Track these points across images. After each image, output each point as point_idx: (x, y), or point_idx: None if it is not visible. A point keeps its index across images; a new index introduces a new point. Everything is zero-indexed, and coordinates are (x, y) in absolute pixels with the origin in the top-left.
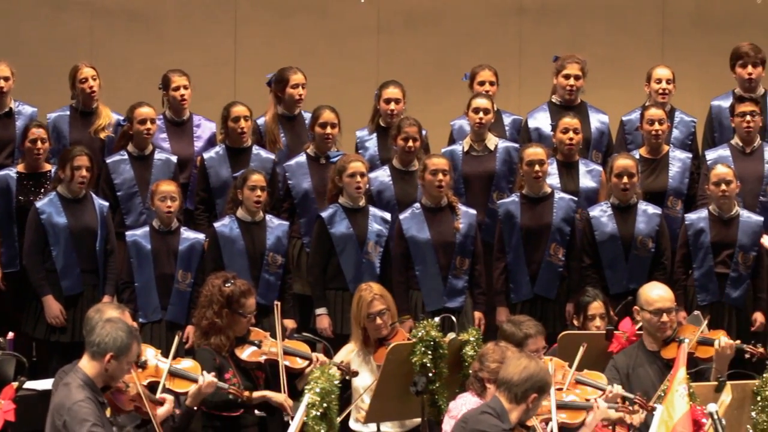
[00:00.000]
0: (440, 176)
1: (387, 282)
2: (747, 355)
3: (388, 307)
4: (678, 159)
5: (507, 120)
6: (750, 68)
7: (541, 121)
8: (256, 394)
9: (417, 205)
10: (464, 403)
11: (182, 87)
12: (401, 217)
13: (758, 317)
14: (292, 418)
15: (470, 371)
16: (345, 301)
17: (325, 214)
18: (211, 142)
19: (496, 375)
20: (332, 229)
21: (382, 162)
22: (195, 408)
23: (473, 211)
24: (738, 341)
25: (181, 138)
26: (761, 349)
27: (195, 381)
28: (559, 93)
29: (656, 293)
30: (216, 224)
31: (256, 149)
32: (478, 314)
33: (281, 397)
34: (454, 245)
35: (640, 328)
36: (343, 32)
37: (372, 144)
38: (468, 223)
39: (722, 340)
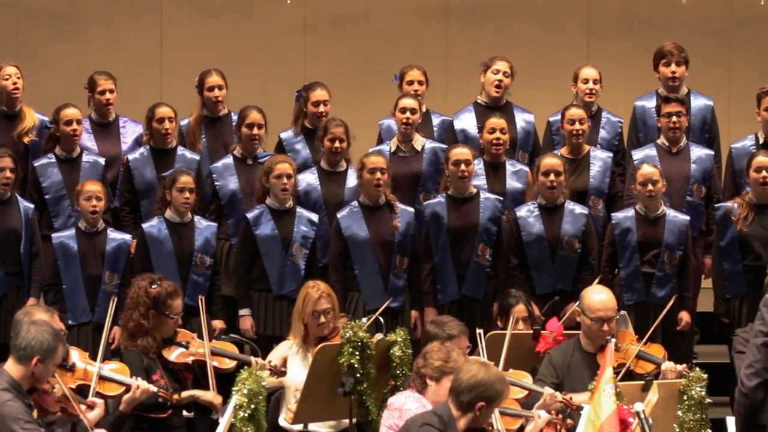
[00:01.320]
0: (378, 174)
1: None
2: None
3: (333, 307)
4: (599, 158)
5: (436, 121)
6: (674, 67)
7: (466, 122)
8: (185, 393)
9: (355, 203)
10: (407, 396)
11: (107, 90)
12: (339, 215)
13: (684, 316)
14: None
15: (414, 367)
16: (268, 302)
17: (250, 216)
18: (137, 143)
19: (438, 372)
20: (257, 231)
21: (315, 164)
22: (128, 413)
23: (411, 210)
24: (682, 367)
25: (107, 139)
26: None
27: (125, 384)
28: (487, 90)
29: (599, 300)
30: (144, 225)
31: (180, 150)
32: (414, 313)
33: (210, 395)
34: (393, 244)
35: (567, 328)
36: (270, 33)
37: (302, 146)
38: (407, 222)
39: (667, 364)
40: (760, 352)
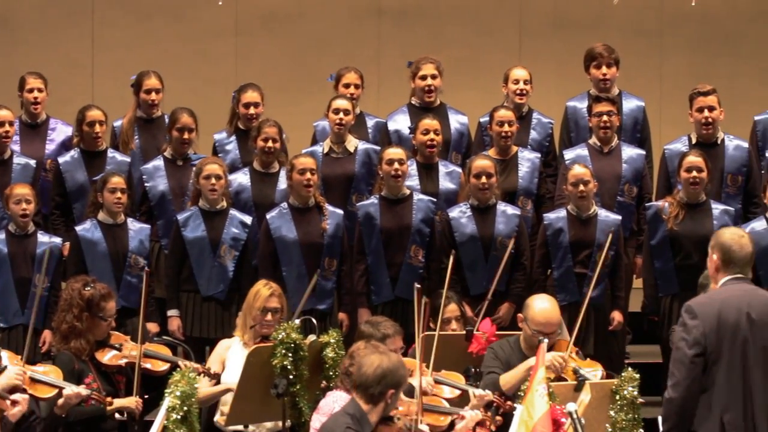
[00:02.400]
0: (308, 175)
1: (246, 285)
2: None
3: (282, 308)
4: (527, 159)
5: (370, 123)
6: (604, 69)
7: (400, 123)
8: (111, 407)
9: (284, 204)
10: (335, 399)
11: (36, 89)
12: (268, 216)
13: (616, 316)
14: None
15: (341, 368)
16: (196, 303)
17: (180, 217)
18: (65, 146)
19: None
20: (185, 232)
21: (244, 165)
22: (61, 416)
23: (340, 212)
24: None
25: (33, 141)
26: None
27: (57, 387)
28: (418, 95)
29: (543, 316)
30: (78, 228)
31: (111, 152)
32: (342, 315)
33: (132, 402)
34: (322, 246)
35: (499, 329)
36: (201, 34)
37: (233, 147)
38: (335, 224)
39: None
40: (684, 365)
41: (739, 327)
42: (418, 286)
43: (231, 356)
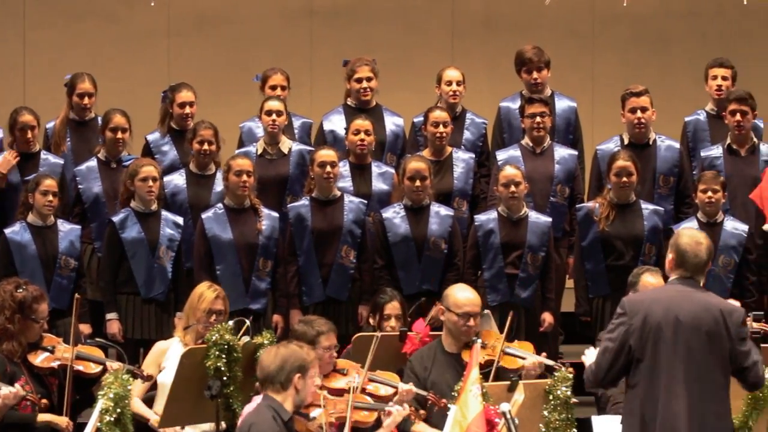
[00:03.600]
0: (244, 177)
1: (181, 286)
2: (554, 372)
3: (225, 311)
4: (462, 160)
5: (297, 123)
6: (535, 73)
7: (336, 123)
8: (41, 418)
9: (220, 205)
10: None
11: None
12: (204, 216)
13: (546, 317)
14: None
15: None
16: (136, 305)
17: (116, 219)
18: None
19: None
20: (123, 234)
21: (183, 165)
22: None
23: (276, 214)
24: (543, 357)
25: None
26: (570, 369)
27: None
28: (354, 97)
29: (465, 296)
30: (6, 230)
31: (44, 154)
32: (276, 317)
33: (63, 421)
34: (257, 246)
35: (433, 329)
36: (133, 36)
37: (169, 148)
38: (271, 225)
39: (529, 360)
40: (604, 355)
41: (663, 328)
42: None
43: (170, 357)
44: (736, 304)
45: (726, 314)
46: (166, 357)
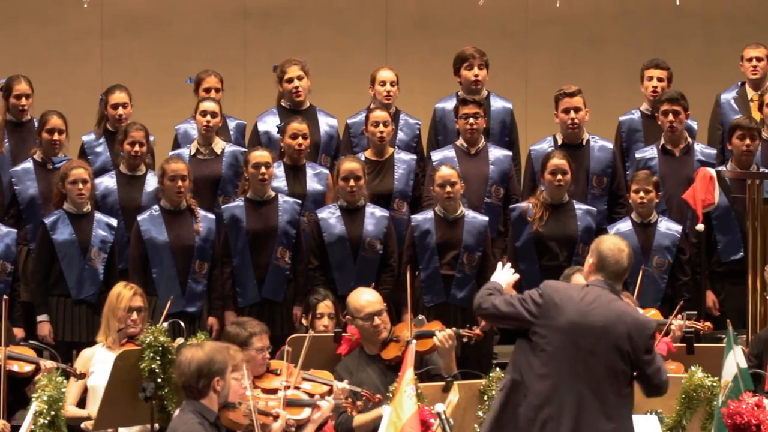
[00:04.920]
0: (179, 183)
1: (111, 290)
2: (465, 339)
3: (145, 307)
4: (402, 161)
5: (231, 124)
6: (476, 70)
7: (270, 124)
8: None
9: (156, 207)
10: None
11: None
12: (139, 218)
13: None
14: None
15: None
16: (67, 307)
17: (48, 221)
18: None
19: None
20: (54, 236)
21: (115, 167)
22: None
23: (212, 216)
24: (453, 328)
25: None
26: (477, 331)
27: None
28: (287, 98)
29: (364, 299)
30: None
31: None
32: (212, 320)
33: None
34: (193, 249)
35: None
36: (66, 37)
37: (103, 149)
38: (207, 227)
39: (439, 334)
40: (510, 307)
41: (571, 329)
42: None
43: (96, 362)
44: (650, 314)
45: (638, 327)
46: (93, 362)
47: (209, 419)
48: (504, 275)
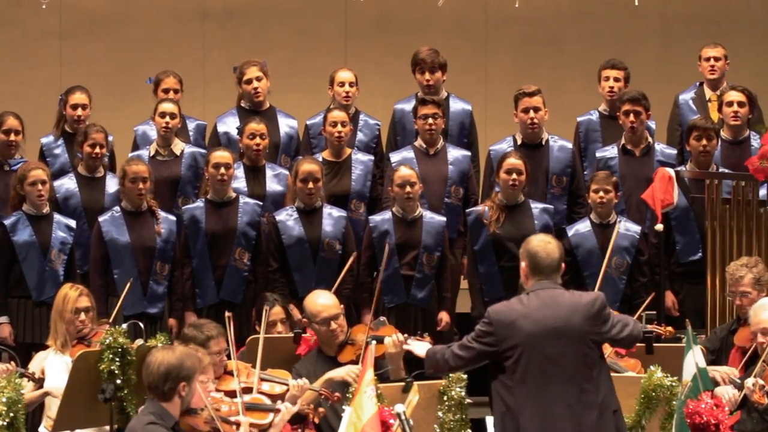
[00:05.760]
0: (140, 185)
1: None
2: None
3: (92, 306)
4: (360, 162)
5: (191, 125)
6: (428, 75)
7: (230, 125)
8: None
9: (117, 208)
10: None
11: None
12: (101, 219)
13: (443, 317)
14: None
15: None
16: (27, 309)
17: (7, 222)
18: None
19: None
20: (14, 237)
21: (74, 168)
22: None
23: (173, 217)
24: (405, 335)
25: None
26: (428, 338)
27: None
28: (247, 98)
29: (320, 303)
30: None
31: None
32: (172, 321)
33: None
34: (155, 250)
35: None
36: (25, 38)
37: (61, 151)
38: (168, 229)
39: (388, 338)
40: (467, 354)
41: (535, 344)
42: None
43: (48, 366)
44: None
45: (590, 307)
46: (45, 367)
47: (168, 424)
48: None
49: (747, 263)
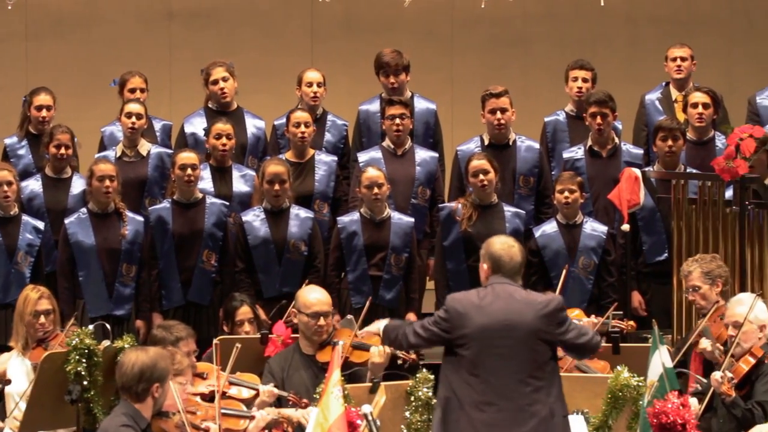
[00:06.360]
0: (107, 183)
1: None
2: (400, 362)
3: (54, 309)
4: (323, 162)
5: (157, 126)
6: (392, 78)
7: (197, 126)
8: None
9: (83, 210)
10: None
11: None
12: (67, 221)
13: (411, 317)
14: None
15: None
16: None
17: None
18: None
19: None
20: None
21: (38, 170)
22: None
23: (140, 218)
24: (391, 348)
25: None
26: (413, 356)
27: None
28: (214, 99)
29: (314, 296)
30: None
31: None
32: (139, 323)
33: None
34: (121, 252)
35: (294, 331)
36: None
37: (25, 152)
38: (135, 230)
39: (375, 348)
40: (425, 335)
41: (482, 332)
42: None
43: (10, 368)
44: (574, 314)
45: (544, 307)
46: (8, 367)
47: (140, 426)
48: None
49: (698, 258)
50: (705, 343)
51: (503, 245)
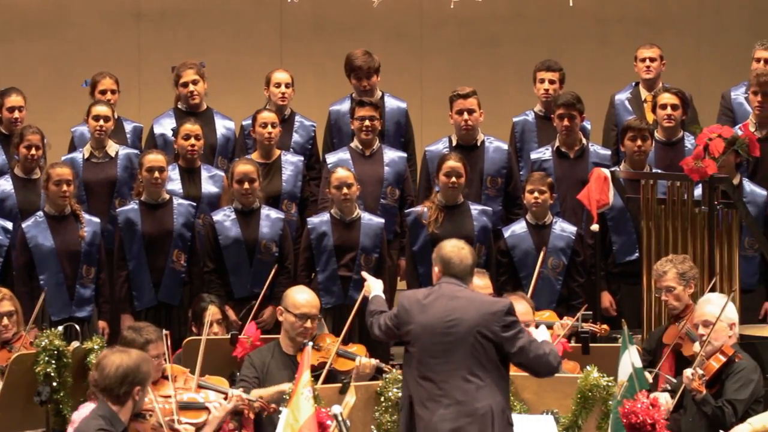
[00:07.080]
0: (64, 187)
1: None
2: (384, 374)
3: (16, 310)
4: (290, 162)
5: (128, 127)
6: (364, 81)
7: (166, 127)
8: None
9: (40, 213)
10: (87, 412)
11: None
12: (24, 225)
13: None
14: None
15: (90, 379)
16: None
17: None
18: None
19: None
20: None
21: (11, 170)
22: None
23: (97, 220)
24: (376, 361)
25: None
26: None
27: None
28: (184, 100)
29: (304, 298)
30: None
31: None
32: (102, 323)
33: None
34: (80, 254)
35: (264, 332)
36: None
37: None
38: (92, 231)
39: (361, 359)
40: (382, 328)
41: (425, 329)
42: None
43: None
44: (545, 315)
45: (489, 307)
46: None
47: (116, 429)
48: (378, 284)
49: (672, 259)
50: (697, 347)
51: (453, 248)
